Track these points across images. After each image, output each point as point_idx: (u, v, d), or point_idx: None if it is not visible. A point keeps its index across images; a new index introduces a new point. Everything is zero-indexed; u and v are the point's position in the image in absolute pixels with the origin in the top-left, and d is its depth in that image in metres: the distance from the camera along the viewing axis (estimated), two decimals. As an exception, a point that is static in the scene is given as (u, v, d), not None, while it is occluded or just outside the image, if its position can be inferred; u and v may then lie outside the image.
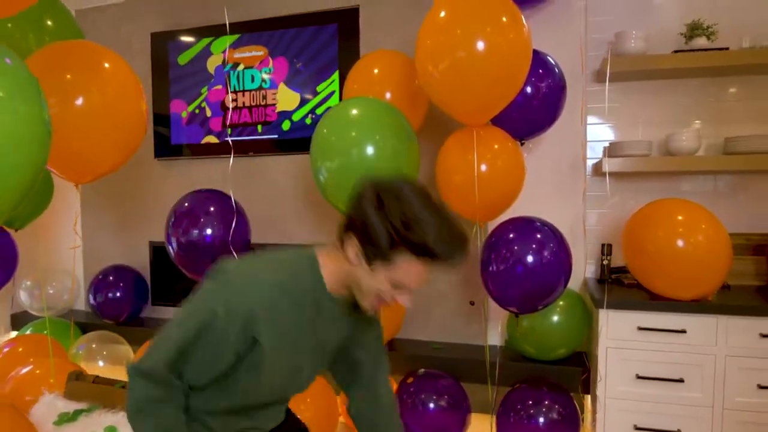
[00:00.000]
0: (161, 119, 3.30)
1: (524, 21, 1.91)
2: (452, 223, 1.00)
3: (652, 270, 2.08)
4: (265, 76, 3.06)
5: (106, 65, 1.85)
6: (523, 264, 2.05)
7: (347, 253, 1.04)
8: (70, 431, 1.43)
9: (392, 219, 0.97)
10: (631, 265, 2.18)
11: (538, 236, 2.07)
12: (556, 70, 2.25)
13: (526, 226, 2.12)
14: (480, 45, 1.81)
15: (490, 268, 2.13)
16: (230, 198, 2.65)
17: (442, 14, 1.90)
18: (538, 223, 2.13)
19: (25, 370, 2.35)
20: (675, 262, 2.00)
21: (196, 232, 2.55)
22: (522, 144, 2.31)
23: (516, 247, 2.06)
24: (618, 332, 2.13)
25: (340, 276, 1.09)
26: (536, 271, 2.04)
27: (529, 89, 2.17)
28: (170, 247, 2.61)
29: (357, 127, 2.13)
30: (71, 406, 1.51)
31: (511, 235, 2.09)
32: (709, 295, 2.06)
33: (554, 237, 2.09)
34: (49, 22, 2.03)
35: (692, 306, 2.04)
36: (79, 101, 1.77)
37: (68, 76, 1.77)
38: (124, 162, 2.02)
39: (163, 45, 3.28)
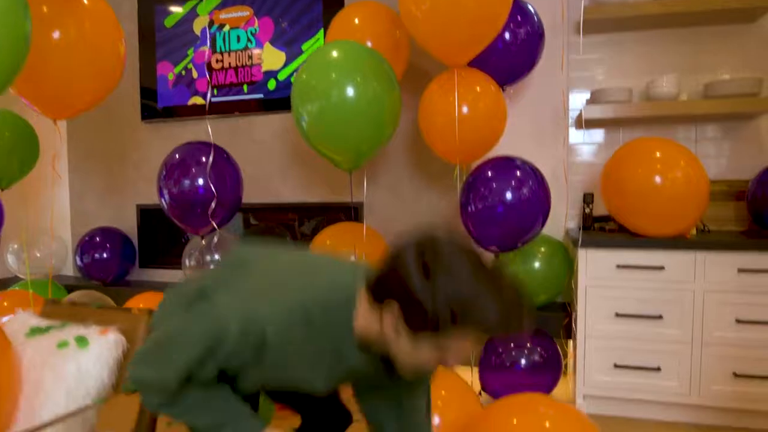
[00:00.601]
0: (148, 82, 3.31)
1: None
2: (511, 294, 0.83)
3: (631, 207, 2.09)
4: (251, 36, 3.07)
5: (84, 0, 1.85)
6: (503, 201, 2.06)
7: (384, 321, 0.87)
8: (40, 342, 1.42)
9: (446, 296, 0.80)
10: (609, 204, 2.18)
11: (517, 174, 2.07)
12: (535, 18, 2.26)
13: (505, 164, 2.12)
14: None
15: (469, 209, 2.14)
16: (222, 150, 2.64)
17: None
18: (518, 161, 2.13)
19: (5, 319, 2.36)
20: (653, 198, 2.01)
21: (188, 182, 2.52)
22: (504, 90, 2.32)
23: (494, 185, 2.07)
24: (597, 271, 2.14)
25: (377, 334, 0.91)
26: (515, 207, 2.05)
27: (507, 35, 2.19)
28: (162, 200, 2.59)
29: (337, 68, 2.13)
30: (45, 323, 1.50)
31: (490, 173, 2.10)
32: (688, 232, 2.07)
33: (533, 175, 2.10)
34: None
35: (671, 242, 2.05)
36: (56, 35, 1.78)
37: (44, 8, 1.77)
38: (102, 98, 2.02)
39: (149, 8, 3.29)
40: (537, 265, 2.39)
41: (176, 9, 3.20)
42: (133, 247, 3.39)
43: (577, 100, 2.61)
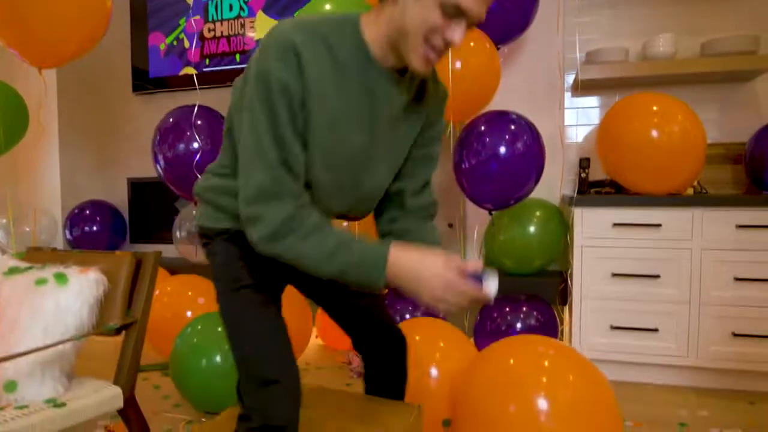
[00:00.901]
0: (139, 53, 3.26)
1: None
2: None
3: (627, 163, 2.05)
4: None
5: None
6: (496, 156, 2.02)
7: (387, 9, 0.89)
8: (18, 280, 1.37)
9: None
10: (606, 161, 2.15)
11: (512, 127, 2.04)
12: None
13: (498, 117, 2.08)
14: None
15: (464, 166, 2.10)
16: (215, 112, 2.60)
17: None
18: (512, 115, 2.10)
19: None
20: (650, 153, 1.97)
21: (182, 146, 2.47)
22: (498, 49, 2.28)
23: (488, 140, 2.03)
24: (593, 230, 2.10)
25: (385, 33, 0.91)
26: (509, 162, 2.01)
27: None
28: (157, 166, 2.54)
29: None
30: (24, 265, 1.46)
31: (483, 128, 2.06)
32: (685, 189, 2.03)
33: (528, 129, 2.06)
34: None
35: (667, 200, 2.01)
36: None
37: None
38: (89, 48, 1.98)
39: (141, -23, 3.24)
40: (532, 229, 2.35)
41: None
42: (123, 221, 3.34)
43: (573, 64, 2.57)
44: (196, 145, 2.47)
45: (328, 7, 2.09)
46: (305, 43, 0.88)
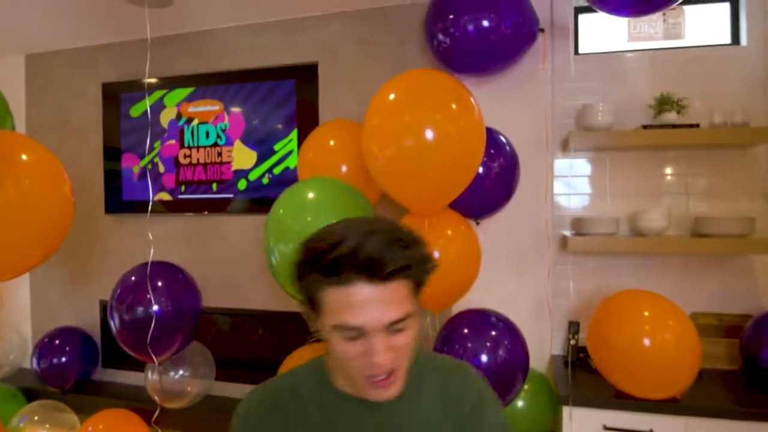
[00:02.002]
0: (113, 173, 3.13)
1: (475, 103, 1.80)
2: (362, 224, 0.79)
3: (617, 366, 1.95)
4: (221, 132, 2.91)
5: (23, 156, 1.69)
6: (479, 363, 1.92)
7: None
8: None
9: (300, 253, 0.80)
10: (597, 361, 2.05)
11: (493, 333, 1.94)
12: (507, 148, 2.14)
13: (480, 322, 1.99)
14: (429, 133, 1.69)
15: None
16: (179, 270, 2.51)
17: (391, 97, 1.78)
18: (493, 318, 2.00)
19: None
20: (641, 361, 1.87)
21: (141, 309, 2.38)
22: (477, 224, 2.19)
23: (470, 345, 1.93)
24: (583, 430, 1.99)
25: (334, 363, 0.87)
26: (492, 370, 1.91)
27: (480, 169, 2.04)
28: (112, 323, 2.44)
29: (313, 211, 1.98)
30: None
31: (465, 331, 1.96)
32: (678, 394, 1.94)
33: (507, 332, 1.96)
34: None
35: (660, 406, 1.91)
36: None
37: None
38: (53, 252, 1.85)
39: (115, 95, 3.12)
40: (520, 404, 2.25)
41: (142, 93, 3.02)
42: (95, 346, 3.20)
43: (564, 219, 2.48)
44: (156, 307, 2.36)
45: (311, 195, 1.99)
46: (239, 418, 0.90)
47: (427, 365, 0.93)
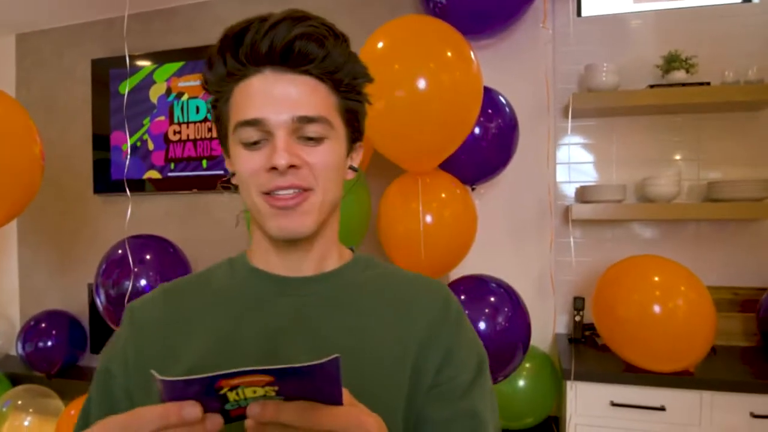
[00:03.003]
0: (101, 153, 3.04)
1: (474, 56, 1.68)
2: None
3: (625, 338, 1.81)
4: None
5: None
6: (477, 331, 1.78)
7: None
8: None
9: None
10: (603, 333, 1.91)
11: (492, 299, 1.81)
12: (507, 109, 2.01)
13: (477, 286, 1.86)
14: (421, 83, 1.57)
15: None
16: (169, 244, 2.42)
17: (380, 45, 1.67)
18: (492, 284, 1.87)
19: None
20: (651, 330, 1.74)
21: (128, 283, 2.28)
22: (473, 189, 2.06)
23: (467, 312, 1.79)
24: (589, 407, 1.86)
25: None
26: (491, 339, 1.78)
27: (477, 130, 1.92)
28: (98, 300, 2.35)
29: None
30: None
31: (462, 297, 1.83)
32: (691, 366, 1.80)
33: (509, 300, 1.83)
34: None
35: (672, 380, 1.77)
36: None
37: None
38: (20, 212, 1.76)
39: (104, 72, 3.03)
40: (522, 383, 2.11)
41: (131, 69, 2.93)
42: (83, 331, 3.09)
43: (567, 190, 2.35)
44: (144, 282, 2.27)
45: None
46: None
47: (387, 268, 0.78)
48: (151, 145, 2.92)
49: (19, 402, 2.81)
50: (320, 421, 0.43)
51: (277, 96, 0.63)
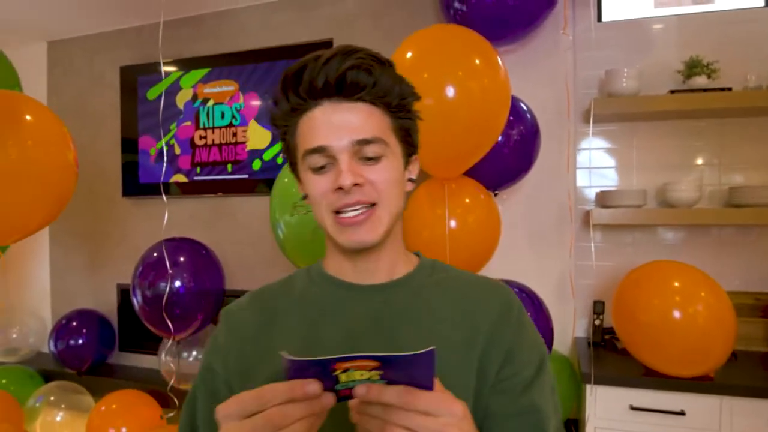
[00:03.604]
0: (130, 156, 3.13)
1: (501, 62, 1.71)
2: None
3: (645, 342, 1.83)
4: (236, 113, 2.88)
5: (27, 117, 1.67)
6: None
7: None
8: None
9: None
10: (622, 337, 1.93)
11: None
12: (528, 116, 2.04)
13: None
14: (450, 91, 1.61)
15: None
16: (202, 246, 2.51)
17: (409, 55, 1.71)
18: (516, 289, 1.89)
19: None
20: (671, 335, 1.75)
21: (163, 284, 2.37)
22: (495, 195, 2.09)
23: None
24: (608, 411, 1.88)
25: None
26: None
27: (499, 137, 1.95)
28: (134, 300, 2.44)
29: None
30: None
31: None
32: (712, 371, 1.81)
33: (531, 305, 1.86)
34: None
35: (692, 384, 1.78)
36: (-6, 158, 1.59)
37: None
38: (54, 218, 1.83)
39: (132, 79, 3.12)
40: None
41: (158, 75, 3.01)
42: (112, 329, 3.19)
43: (587, 194, 2.36)
44: (179, 283, 2.35)
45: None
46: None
47: (450, 272, 0.84)
48: (177, 150, 3.00)
49: (52, 398, 2.91)
50: (416, 403, 0.50)
51: (336, 124, 0.70)
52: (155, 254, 2.42)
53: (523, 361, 0.74)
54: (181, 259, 2.44)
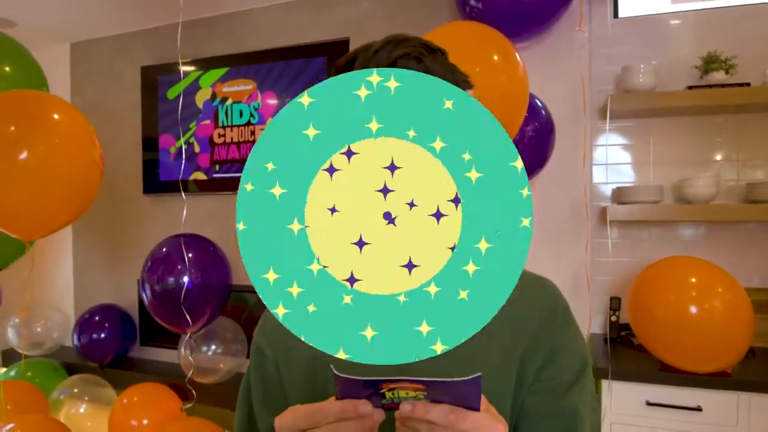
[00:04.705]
0: (150, 154, 3.20)
1: (519, 59, 1.72)
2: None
3: (662, 338, 1.83)
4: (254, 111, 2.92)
5: (55, 116, 1.72)
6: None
7: None
8: None
9: None
10: (639, 333, 1.93)
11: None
12: (543, 112, 2.05)
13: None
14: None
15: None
16: (209, 242, 2.55)
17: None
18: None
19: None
20: (688, 331, 1.75)
21: (171, 279, 2.43)
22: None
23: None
24: (624, 406, 1.88)
25: None
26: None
27: (516, 133, 1.97)
28: (144, 295, 2.50)
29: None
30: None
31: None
32: (729, 367, 1.80)
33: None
34: (7, 68, 1.92)
35: (709, 380, 1.78)
36: (23, 155, 1.64)
37: (12, 128, 1.65)
38: (80, 215, 1.89)
39: (152, 78, 3.18)
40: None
41: (178, 75, 3.07)
42: (133, 324, 3.26)
43: (603, 190, 2.36)
44: (186, 278, 2.41)
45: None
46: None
47: None
48: (197, 148, 3.06)
49: (75, 390, 2.99)
50: (460, 423, 0.50)
51: None
52: (164, 249, 2.49)
53: (565, 364, 0.72)
54: (190, 255, 2.48)
